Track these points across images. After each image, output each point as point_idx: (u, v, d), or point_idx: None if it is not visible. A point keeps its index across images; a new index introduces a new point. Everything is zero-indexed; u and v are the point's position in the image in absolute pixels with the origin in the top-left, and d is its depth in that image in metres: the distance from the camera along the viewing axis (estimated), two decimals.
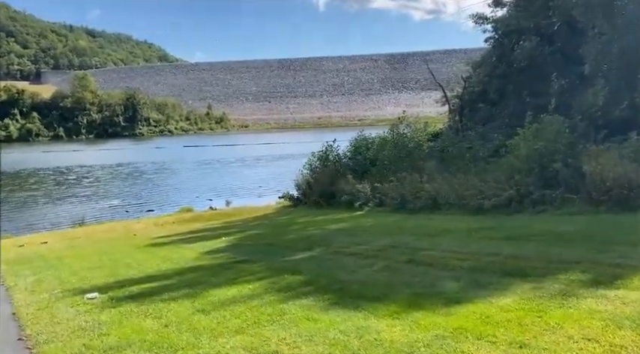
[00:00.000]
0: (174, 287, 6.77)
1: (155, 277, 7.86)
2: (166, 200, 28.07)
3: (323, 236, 10.28)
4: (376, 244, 8.27)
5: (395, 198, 13.57)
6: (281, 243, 10.30)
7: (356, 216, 13.76)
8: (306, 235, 10.74)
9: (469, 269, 5.53)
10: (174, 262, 9.19)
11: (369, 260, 6.85)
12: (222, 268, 7.90)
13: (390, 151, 18.10)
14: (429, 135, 22.99)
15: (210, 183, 34.96)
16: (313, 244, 9.44)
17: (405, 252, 7.08)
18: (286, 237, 11.15)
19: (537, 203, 9.65)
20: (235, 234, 12.75)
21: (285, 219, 15.68)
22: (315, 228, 12.10)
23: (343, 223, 12.18)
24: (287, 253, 8.77)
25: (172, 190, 32.05)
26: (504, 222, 8.97)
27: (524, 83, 17.18)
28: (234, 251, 9.69)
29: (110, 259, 10.53)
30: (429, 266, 5.95)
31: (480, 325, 3.74)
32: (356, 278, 5.78)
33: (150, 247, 12.04)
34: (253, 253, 9.24)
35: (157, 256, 10.36)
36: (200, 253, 10.03)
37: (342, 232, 10.57)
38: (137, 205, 26.38)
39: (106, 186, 35.55)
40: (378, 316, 4.24)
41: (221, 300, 5.63)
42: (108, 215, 23.63)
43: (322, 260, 7.34)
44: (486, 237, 7.65)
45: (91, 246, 14.06)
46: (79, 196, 31.02)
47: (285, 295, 5.42)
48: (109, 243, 14.50)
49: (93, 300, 6.63)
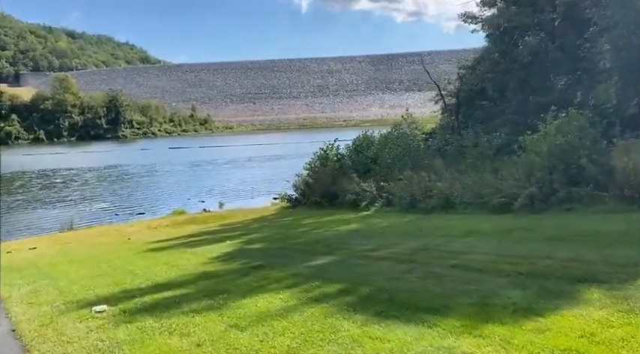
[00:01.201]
0: (193, 298, 6.13)
1: (166, 285, 7.21)
2: (156, 203, 27.22)
3: (338, 238, 9.71)
4: (403, 246, 7.72)
5: (404, 197, 13.06)
6: (293, 246, 9.70)
7: (364, 216, 13.22)
8: (319, 238, 10.16)
9: (529, 275, 4.99)
10: (181, 268, 8.53)
11: (404, 265, 6.29)
12: (239, 275, 7.28)
13: (392, 149, 17.63)
14: (424, 134, 22.67)
15: (199, 185, 34.14)
16: (330, 247, 8.87)
17: (442, 256, 6.54)
18: (297, 240, 10.55)
19: (563, 201, 9.21)
20: (239, 237, 12.10)
21: (288, 220, 15.07)
22: (325, 229, 11.52)
23: (354, 224, 11.62)
24: (305, 257, 8.18)
25: (162, 193, 31.17)
26: (536, 221, 8.49)
27: (528, 79, 16.83)
28: (245, 256, 9.06)
29: (109, 265, 9.81)
30: (480, 272, 5.41)
31: (591, 347, 3.19)
32: (401, 286, 5.21)
33: (149, 253, 11.34)
34: (267, 257, 8.63)
35: (159, 262, 9.67)
36: (207, 258, 9.37)
37: (356, 234, 10.01)
38: (126, 208, 25.50)
39: (94, 189, 34.47)
40: (453, 332, 3.68)
41: (253, 313, 5.01)
42: (97, 219, 22.75)
43: (351, 265, 6.76)
44: (525, 238, 7.16)
45: (84, 251, 13.29)
46: (66, 199, 29.96)
47: (327, 306, 4.83)
48: (103, 248, 13.75)
49: (102, 313, 5.96)
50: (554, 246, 6.26)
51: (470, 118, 22.16)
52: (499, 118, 18.08)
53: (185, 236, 14.09)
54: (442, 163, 14.04)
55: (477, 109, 22.36)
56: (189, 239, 13.20)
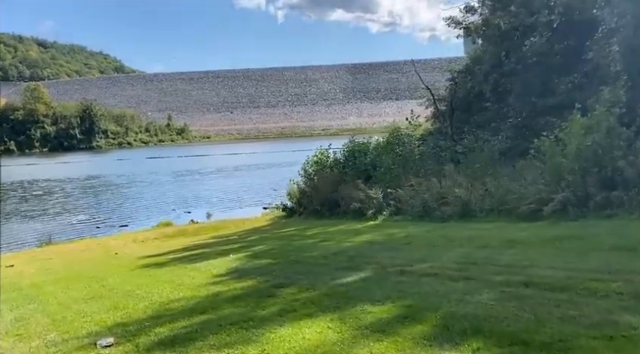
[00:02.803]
0: (217, 326, 5.18)
1: (178, 310, 6.23)
2: (140, 214, 25.93)
3: (358, 251, 8.84)
4: (442, 260, 6.91)
5: (416, 205, 12.28)
6: (309, 260, 8.79)
7: (374, 226, 12.38)
8: (336, 250, 9.27)
9: (633, 295, 4.22)
10: (188, 287, 7.54)
11: (460, 283, 5.46)
12: (262, 296, 6.34)
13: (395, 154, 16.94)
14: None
15: (183, 195, 32.91)
16: (354, 260, 7.99)
17: (499, 270, 5.74)
18: (310, 253, 9.64)
19: (601, 206, 8.55)
20: (242, 250, 11.12)
21: (290, 231, 14.14)
22: (337, 241, 10.63)
23: (367, 235, 10.77)
24: (330, 272, 7.29)
25: (144, 203, 29.82)
26: (580, 229, 7.79)
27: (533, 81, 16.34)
28: (258, 272, 8.11)
29: (102, 285, 8.74)
30: (564, 291, 4.60)
31: None
32: (478, 311, 4.37)
33: (144, 269, 10.27)
34: (285, 273, 7.70)
35: (160, 280, 8.65)
36: (214, 275, 8.40)
37: (377, 246, 9.15)
38: (108, 220, 24.18)
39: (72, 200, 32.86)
40: None
41: (305, 348, 4.11)
42: (77, 232, 21.40)
43: (393, 283, 5.90)
44: (583, 248, 6.42)
45: (68, 269, 12.11)
46: (43, 211, 28.38)
47: (399, 340, 3.95)
48: (89, 264, 12.59)
49: (109, 348, 4.97)
50: (629, 257, 5.54)
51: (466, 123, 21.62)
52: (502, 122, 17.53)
53: (179, 250, 13.04)
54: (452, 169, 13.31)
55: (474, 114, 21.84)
56: (184, 253, 12.16)
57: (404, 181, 14.46)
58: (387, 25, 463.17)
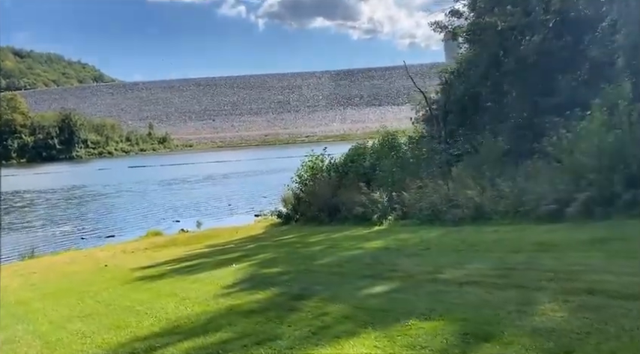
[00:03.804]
0: (242, 347, 4.56)
1: (190, 328, 5.57)
2: (126, 224, 24.99)
3: (374, 258, 8.24)
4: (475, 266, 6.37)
5: (424, 208, 11.76)
6: (322, 269, 8.18)
7: (381, 231, 11.82)
8: (349, 258, 8.68)
9: None
10: (196, 302, 6.87)
11: (509, 292, 4.92)
12: (283, 310, 5.71)
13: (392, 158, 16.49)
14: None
15: (169, 204, 31.98)
16: (374, 269, 7.40)
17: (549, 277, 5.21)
18: (320, 261, 9.03)
19: (630, 206, 8.12)
20: (243, 260, 10.43)
21: (290, 239, 13.50)
22: (346, 248, 10.04)
23: (377, 241, 10.18)
24: (352, 282, 6.70)
25: (130, 213, 28.83)
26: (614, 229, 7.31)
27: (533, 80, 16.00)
28: (270, 282, 7.46)
29: (97, 300, 8.01)
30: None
31: None
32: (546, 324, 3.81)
33: (140, 282, 9.54)
34: (300, 283, 7.08)
35: (161, 293, 7.96)
36: (221, 286, 7.73)
37: (393, 253, 8.57)
38: (93, 231, 23.21)
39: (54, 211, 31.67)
40: None
41: None
42: (61, 244, 20.44)
43: (432, 293, 5.33)
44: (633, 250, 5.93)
45: (56, 283, 11.30)
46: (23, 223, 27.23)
47: None
48: (77, 277, 11.78)
49: None
50: None
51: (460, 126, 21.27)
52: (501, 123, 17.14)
53: (174, 260, 12.28)
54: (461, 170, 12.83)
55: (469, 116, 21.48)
56: (181, 264, 11.43)
57: (406, 184, 13.95)
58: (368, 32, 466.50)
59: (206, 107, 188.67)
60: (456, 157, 17.49)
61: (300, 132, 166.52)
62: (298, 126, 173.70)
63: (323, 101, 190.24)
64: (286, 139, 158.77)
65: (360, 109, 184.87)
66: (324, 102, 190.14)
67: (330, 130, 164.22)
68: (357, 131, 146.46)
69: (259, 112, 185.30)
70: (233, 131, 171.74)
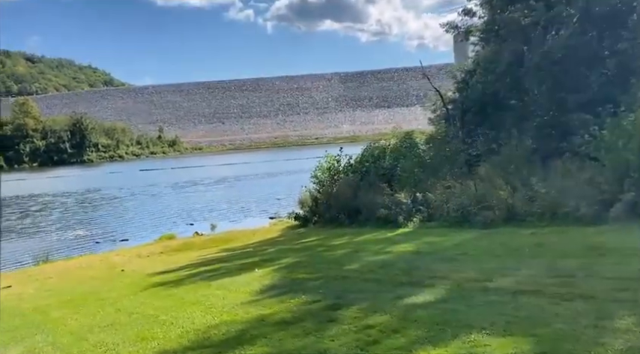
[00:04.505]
0: None
1: (222, 339, 5.17)
2: (139, 227, 24.70)
3: (408, 263, 7.81)
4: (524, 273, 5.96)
5: (453, 210, 11.29)
6: (355, 275, 7.76)
7: (406, 234, 11.36)
8: (381, 263, 8.26)
9: None
10: (223, 310, 6.49)
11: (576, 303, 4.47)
12: (321, 321, 5.31)
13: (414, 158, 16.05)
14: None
15: (181, 207, 31.67)
16: (411, 275, 6.98)
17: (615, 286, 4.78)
18: (348, 266, 8.60)
19: None
20: (265, 265, 10.03)
21: (311, 242, 13.06)
22: (374, 252, 9.61)
23: (406, 245, 9.75)
24: (391, 289, 6.29)
25: (143, 216, 28.56)
26: None
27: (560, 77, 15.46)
28: (299, 289, 7.06)
29: (118, 309, 7.64)
30: None
31: None
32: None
33: (160, 289, 9.18)
34: (332, 291, 6.68)
35: (185, 301, 7.58)
36: (247, 293, 7.35)
37: (428, 257, 8.12)
38: (107, 235, 22.93)
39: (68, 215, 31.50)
40: None
41: None
42: (75, 248, 20.15)
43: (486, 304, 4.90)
44: None
45: (73, 289, 10.97)
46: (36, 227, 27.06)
47: None
48: (94, 283, 11.44)
49: None
50: None
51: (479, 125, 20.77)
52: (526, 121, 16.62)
53: (192, 265, 11.92)
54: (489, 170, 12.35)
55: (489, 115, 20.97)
56: (199, 269, 11.06)
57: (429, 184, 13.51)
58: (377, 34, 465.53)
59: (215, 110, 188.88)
60: (475, 157, 17.03)
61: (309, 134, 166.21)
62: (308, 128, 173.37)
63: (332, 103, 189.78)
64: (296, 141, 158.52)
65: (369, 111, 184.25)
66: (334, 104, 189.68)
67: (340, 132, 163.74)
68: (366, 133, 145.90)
69: (268, 114, 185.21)
70: (242, 134, 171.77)
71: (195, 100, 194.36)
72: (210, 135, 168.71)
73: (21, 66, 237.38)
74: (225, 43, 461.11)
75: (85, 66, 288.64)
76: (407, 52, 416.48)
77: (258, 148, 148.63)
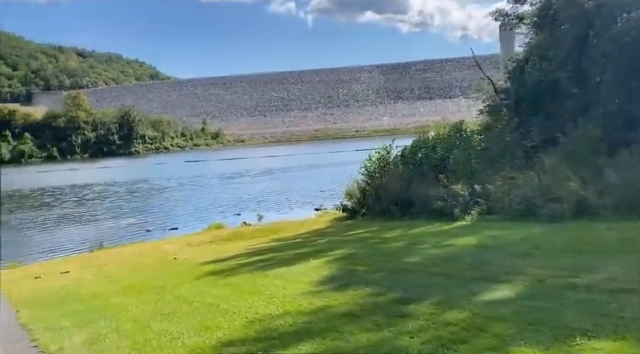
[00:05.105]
0: None
1: (290, 331, 4.97)
2: (188, 217, 25.06)
3: (475, 258, 7.40)
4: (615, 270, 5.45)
5: (515, 202, 10.75)
6: (417, 268, 7.43)
7: (465, 227, 10.90)
8: (444, 257, 7.88)
9: None
10: (285, 300, 6.30)
11: None
12: (390, 315, 5.02)
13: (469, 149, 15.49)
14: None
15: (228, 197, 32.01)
16: (480, 270, 6.59)
17: None
18: (409, 259, 8.27)
19: None
20: (319, 255, 9.79)
21: (361, 234, 12.76)
22: (433, 245, 9.22)
23: (467, 238, 9.32)
24: (463, 285, 5.93)
25: (192, 206, 29.01)
26: None
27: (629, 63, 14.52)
28: (361, 281, 6.79)
29: (177, 297, 7.58)
30: None
31: None
32: None
33: (215, 277, 9.09)
34: (399, 284, 6.37)
35: (243, 290, 7.45)
36: (306, 284, 7.13)
37: (496, 252, 7.68)
38: (157, 223, 23.36)
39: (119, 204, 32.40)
40: None
41: None
42: (127, 236, 20.61)
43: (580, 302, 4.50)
44: None
45: (128, 275, 11.10)
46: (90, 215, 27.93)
47: None
48: (149, 270, 11.56)
49: None
50: None
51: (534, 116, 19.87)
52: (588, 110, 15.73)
53: (244, 255, 11.83)
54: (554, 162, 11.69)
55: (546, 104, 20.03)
56: (253, 258, 10.95)
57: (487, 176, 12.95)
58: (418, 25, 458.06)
59: (257, 103, 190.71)
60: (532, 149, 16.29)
61: (349, 127, 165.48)
62: (348, 121, 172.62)
63: (372, 95, 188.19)
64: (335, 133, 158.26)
65: (410, 103, 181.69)
66: (374, 96, 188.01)
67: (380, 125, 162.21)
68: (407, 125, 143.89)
69: (309, 107, 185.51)
70: (283, 126, 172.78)
71: (237, 93, 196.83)
72: (252, 127, 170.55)
73: (73, 61, 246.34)
74: (267, 37, 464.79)
75: (132, 60, 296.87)
76: (449, 43, 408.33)
77: (299, 140, 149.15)
